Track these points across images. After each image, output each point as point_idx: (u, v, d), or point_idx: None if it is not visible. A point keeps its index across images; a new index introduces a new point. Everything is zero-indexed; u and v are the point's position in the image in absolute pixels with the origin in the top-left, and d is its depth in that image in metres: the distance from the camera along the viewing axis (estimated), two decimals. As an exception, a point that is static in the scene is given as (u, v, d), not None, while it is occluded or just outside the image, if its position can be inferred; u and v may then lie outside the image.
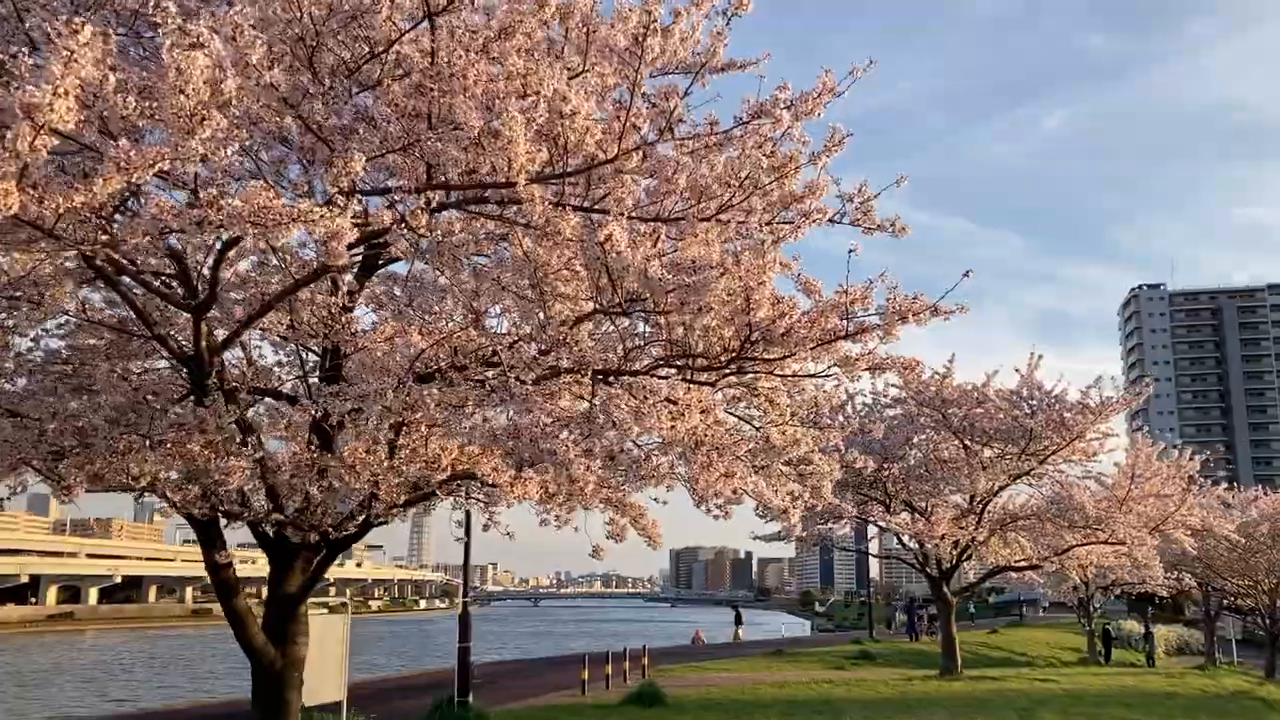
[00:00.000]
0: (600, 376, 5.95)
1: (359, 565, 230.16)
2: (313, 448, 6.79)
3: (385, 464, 5.94)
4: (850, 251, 5.44)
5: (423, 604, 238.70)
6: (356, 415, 6.25)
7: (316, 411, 6.53)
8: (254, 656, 7.82)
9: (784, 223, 5.63)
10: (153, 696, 39.63)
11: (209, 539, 7.57)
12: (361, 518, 7.06)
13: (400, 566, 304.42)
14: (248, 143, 5.23)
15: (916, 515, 24.18)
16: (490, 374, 5.96)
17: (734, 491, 5.96)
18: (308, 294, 7.39)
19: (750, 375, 6.27)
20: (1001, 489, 24.46)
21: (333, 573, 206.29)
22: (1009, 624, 74.21)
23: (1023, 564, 26.53)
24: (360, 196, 5.10)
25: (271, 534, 7.57)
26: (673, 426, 5.54)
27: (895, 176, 6.03)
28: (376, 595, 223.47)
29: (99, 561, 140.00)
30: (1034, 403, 22.64)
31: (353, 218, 4.60)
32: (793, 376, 6.64)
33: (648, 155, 5.60)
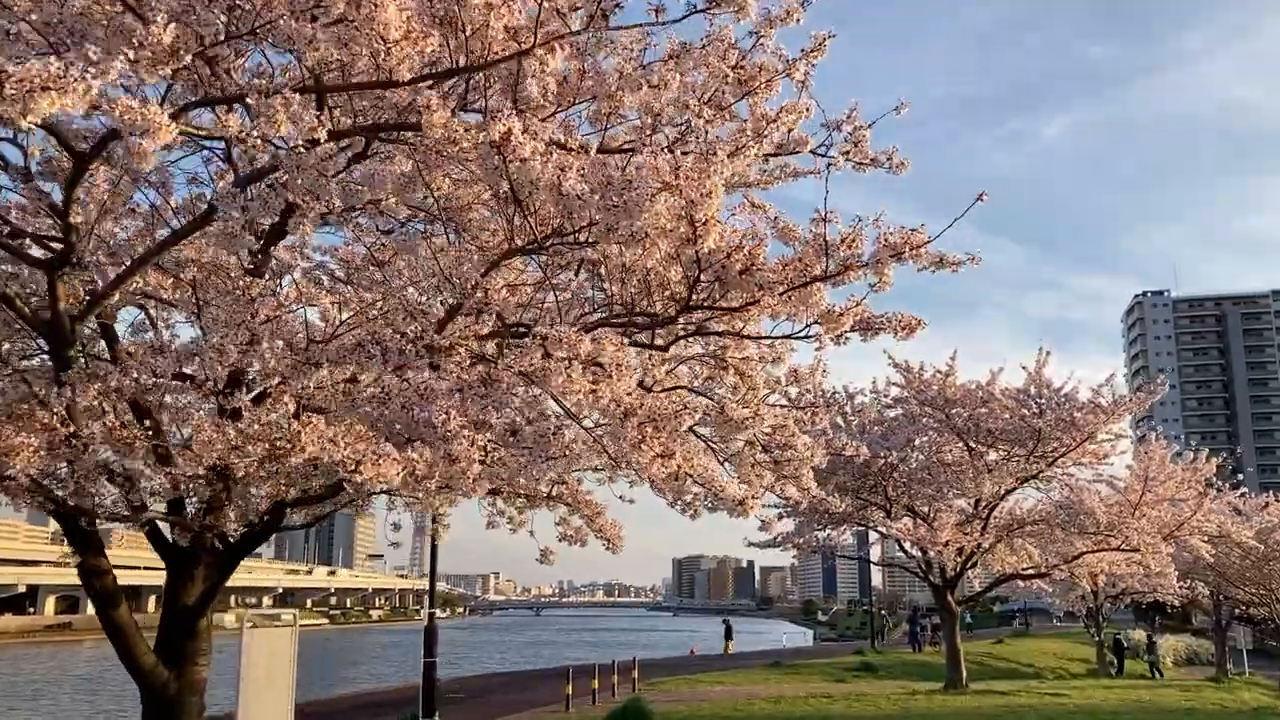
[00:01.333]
0: (508, 330, 4.88)
1: (354, 575, 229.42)
2: (130, 422, 5.73)
3: (231, 440, 4.82)
4: (829, 165, 4.37)
5: (424, 614, 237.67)
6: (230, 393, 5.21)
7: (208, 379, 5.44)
8: (141, 680, 6.69)
9: (753, 143, 4.51)
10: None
11: (82, 539, 6.47)
12: (265, 517, 5.99)
13: (402, 576, 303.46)
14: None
15: (918, 520, 23.05)
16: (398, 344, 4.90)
17: (675, 477, 4.82)
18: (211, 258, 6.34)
19: (712, 337, 5.18)
20: (1008, 493, 23.31)
21: (333, 582, 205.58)
22: (1014, 634, 72.92)
23: (1030, 572, 25.40)
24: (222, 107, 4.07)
25: (173, 538, 6.52)
26: (593, 392, 4.42)
27: (896, 168, 4.93)
28: (378, 605, 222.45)
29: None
30: (1042, 402, 21.52)
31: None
32: (762, 339, 5.54)
33: (576, 51, 4.53)
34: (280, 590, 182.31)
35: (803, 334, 5.36)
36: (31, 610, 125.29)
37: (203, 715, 6.86)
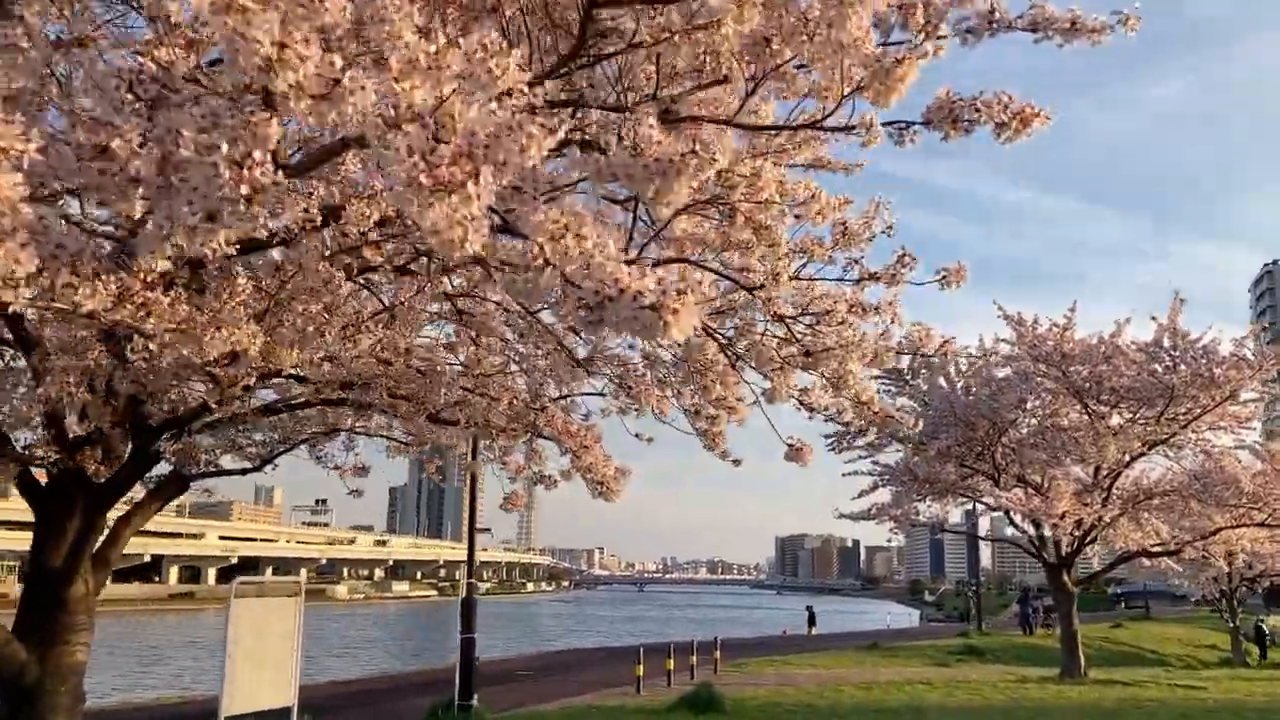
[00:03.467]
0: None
1: (454, 547, 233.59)
2: None
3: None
4: None
5: (530, 587, 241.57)
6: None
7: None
8: (-9, 663, 5.33)
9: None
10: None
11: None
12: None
13: (509, 550, 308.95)
14: None
15: (1030, 491, 20.74)
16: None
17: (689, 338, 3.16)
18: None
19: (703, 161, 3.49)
20: (1134, 460, 20.74)
21: (442, 554, 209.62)
22: (1132, 617, 68.71)
23: (1158, 549, 22.76)
24: None
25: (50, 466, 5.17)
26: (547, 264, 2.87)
27: (993, 154, 3.20)
28: (484, 578, 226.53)
29: (217, 542, 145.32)
30: (1176, 355, 18.86)
31: None
32: (767, 129, 3.71)
33: None
34: (391, 561, 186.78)
35: (831, 123, 3.49)
36: (156, 579, 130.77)
37: (78, 708, 5.46)
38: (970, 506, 28.67)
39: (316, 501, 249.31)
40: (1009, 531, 24.68)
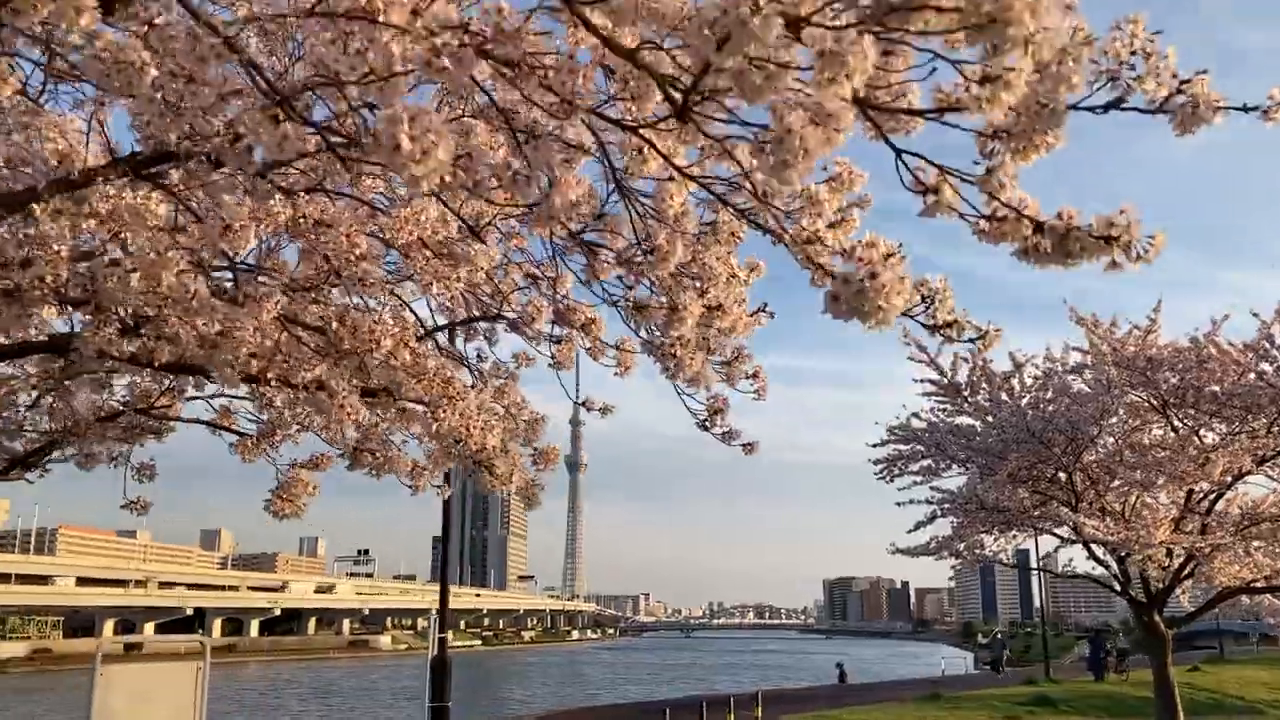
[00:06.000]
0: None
1: (496, 595, 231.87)
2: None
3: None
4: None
5: (575, 634, 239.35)
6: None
7: None
8: None
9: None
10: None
11: None
12: None
13: (553, 596, 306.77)
14: None
15: (1117, 519, 18.24)
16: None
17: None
18: None
19: None
20: (1236, 480, 18.12)
21: (485, 603, 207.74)
22: (1208, 659, 64.61)
23: (1259, 584, 20.01)
24: None
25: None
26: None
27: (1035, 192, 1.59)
28: (529, 625, 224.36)
29: (259, 595, 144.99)
30: (1287, 354, 16.35)
31: None
32: None
33: None
34: (434, 611, 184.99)
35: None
36: (200, 632, 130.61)
37: None
38: (1034, 539, 26.03)
39: (359, 552, 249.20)
40: (1089, 567, 22.05)
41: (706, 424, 3.75)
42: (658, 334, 3.29)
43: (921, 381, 20.52)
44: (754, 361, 3.77)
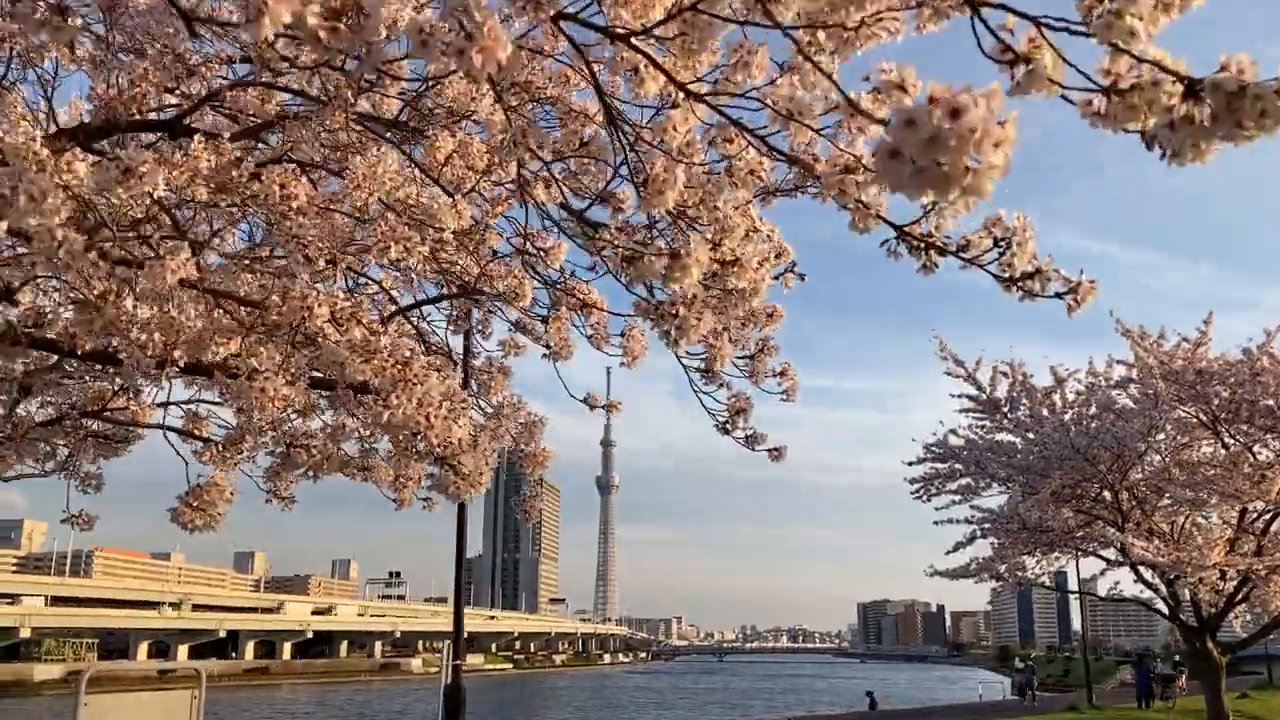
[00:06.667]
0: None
1: (525, 618, 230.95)
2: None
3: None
4: None
5: (606, 658, 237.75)
6: None
7: None
8: None
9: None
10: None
11: None
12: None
13: (584, 620, 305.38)
14: None
15: (1158, 540, 17.48)
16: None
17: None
18: None
19: None
20: (1295, 498, 17.29)
21: (516, 625, 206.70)
22: (1255, 685, 62.52)
23: (1318, 610, 19.11)
24: None
25: None
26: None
27: (1057, 212, 1.12)
28: (560, 649, 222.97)
29: (291, 617, 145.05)
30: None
31: None
32: None
33: None
34: (467, 635, 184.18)
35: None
36: (233, 654, 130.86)
37: None
38: (1074, 561, 25.16)
39: (390, 574, 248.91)
40: (1137, 590, 21.18)
41: (727, 426, 3.28)
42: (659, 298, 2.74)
43: (959, 397, 19.94)
44: (779, 355, 3.30)
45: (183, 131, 3.04)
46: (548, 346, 3.58)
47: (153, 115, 3.11)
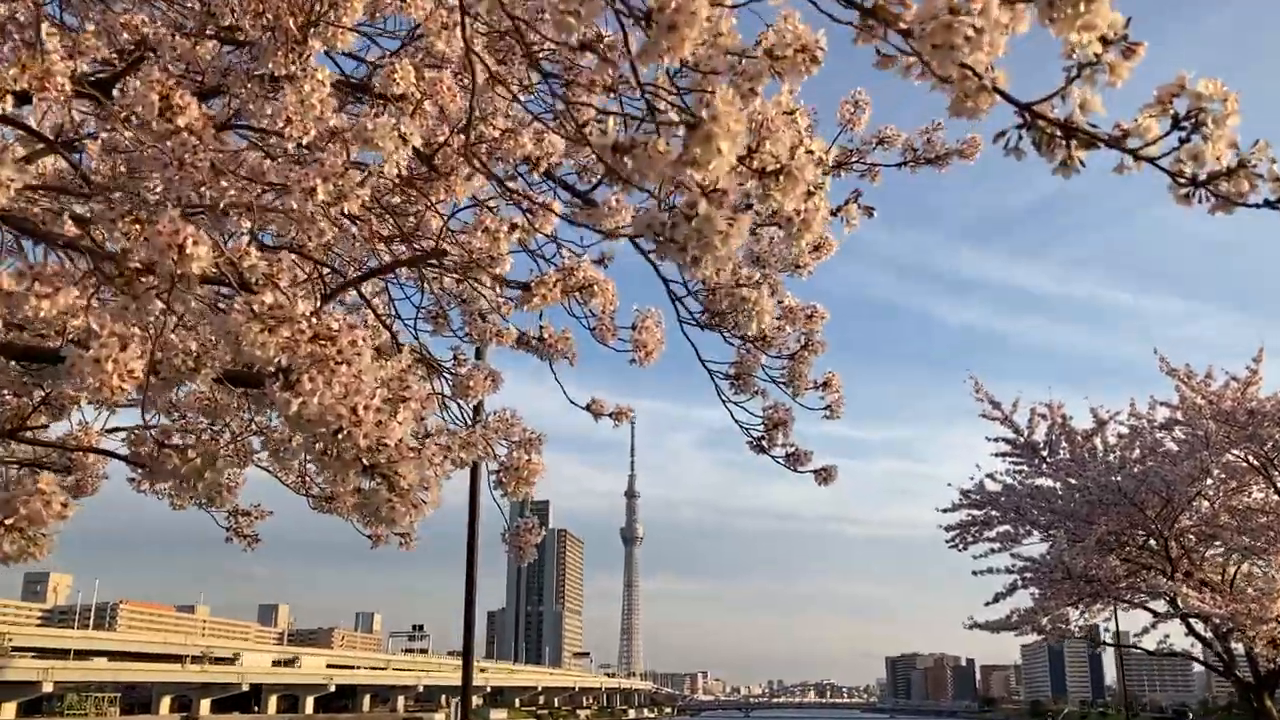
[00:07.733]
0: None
1: (550, 673, 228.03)
2: None
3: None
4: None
5: (631, 713, 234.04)
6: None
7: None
8: None
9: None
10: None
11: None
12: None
13: (609, 674, 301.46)
14: None
15: (1209, 590, 16.68)
16: None
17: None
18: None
19: None
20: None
21: (540, 680, 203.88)
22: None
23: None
24: None
25: None
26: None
27: (1080, 257, 0.86)
28: (585, 704, 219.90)
29: (314, 671, 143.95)
30: None
31: None
32: None
33: None
34: (489, 689, 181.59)
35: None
36: (256, 709, 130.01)
37: None
38: (1114, 613, 24.27)
39: (414, 628, 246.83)
40: (1188, 644, 20.18)
41: (763, 442, 2.81)
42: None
43: (995, 440, 19.33)
44: (824, 357, 2.80)
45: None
46: (542, 341, 3.02)
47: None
